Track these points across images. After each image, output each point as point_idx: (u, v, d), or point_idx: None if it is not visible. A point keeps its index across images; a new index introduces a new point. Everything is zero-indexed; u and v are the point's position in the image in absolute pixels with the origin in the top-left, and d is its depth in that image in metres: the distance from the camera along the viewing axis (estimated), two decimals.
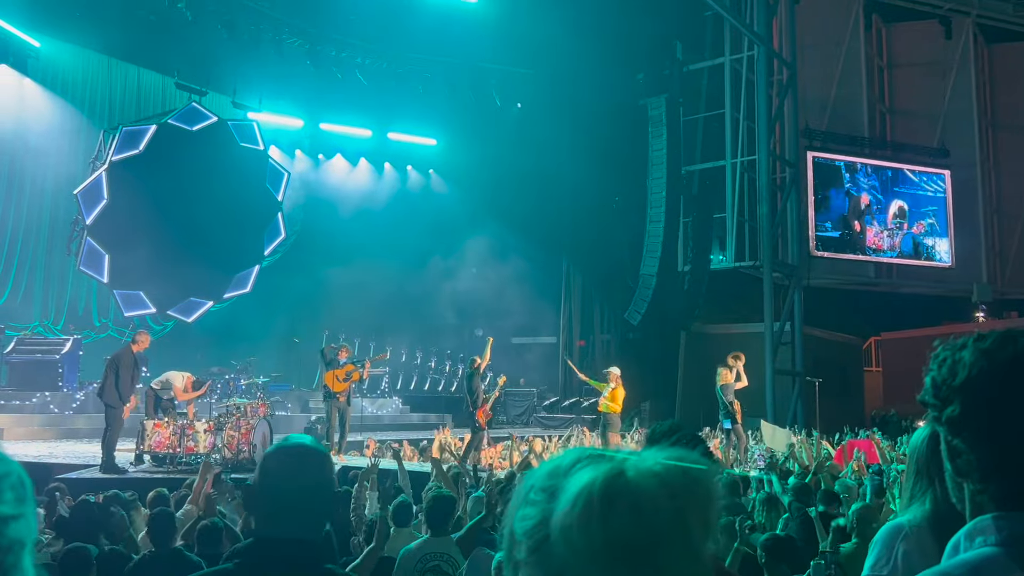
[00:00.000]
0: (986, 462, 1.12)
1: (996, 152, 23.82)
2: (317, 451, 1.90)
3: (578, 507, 0.82)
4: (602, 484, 0.82)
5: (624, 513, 0.81)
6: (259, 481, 1.85)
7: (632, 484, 0.82)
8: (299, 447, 1.89)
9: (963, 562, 1.12)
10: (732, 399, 12.98)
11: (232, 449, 10.72)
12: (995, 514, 1.12)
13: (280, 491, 1.81)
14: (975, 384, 1.12)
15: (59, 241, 17.50)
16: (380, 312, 19.24)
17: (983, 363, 1.12)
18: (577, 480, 0.84)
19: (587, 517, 0.81)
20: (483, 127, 20.88)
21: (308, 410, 17.34)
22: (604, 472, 0.84)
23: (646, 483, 0.83)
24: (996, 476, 1.12)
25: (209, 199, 18.22)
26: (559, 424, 19.36)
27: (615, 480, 0.83)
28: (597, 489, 0.82)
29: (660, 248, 19.60)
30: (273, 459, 1.88)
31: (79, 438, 13.80)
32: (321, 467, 1.88)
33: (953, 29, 23.13)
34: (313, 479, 1.84)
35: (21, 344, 15.55)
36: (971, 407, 1.12)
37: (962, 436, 1.14)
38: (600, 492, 0.82)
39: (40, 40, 17.10)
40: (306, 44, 18.34)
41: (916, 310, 22.85)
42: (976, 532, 1.13)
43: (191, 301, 18.67)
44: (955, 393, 1.14)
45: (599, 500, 0.81)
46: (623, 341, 21.67)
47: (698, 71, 20.79)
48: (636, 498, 0.81)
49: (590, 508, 0.81)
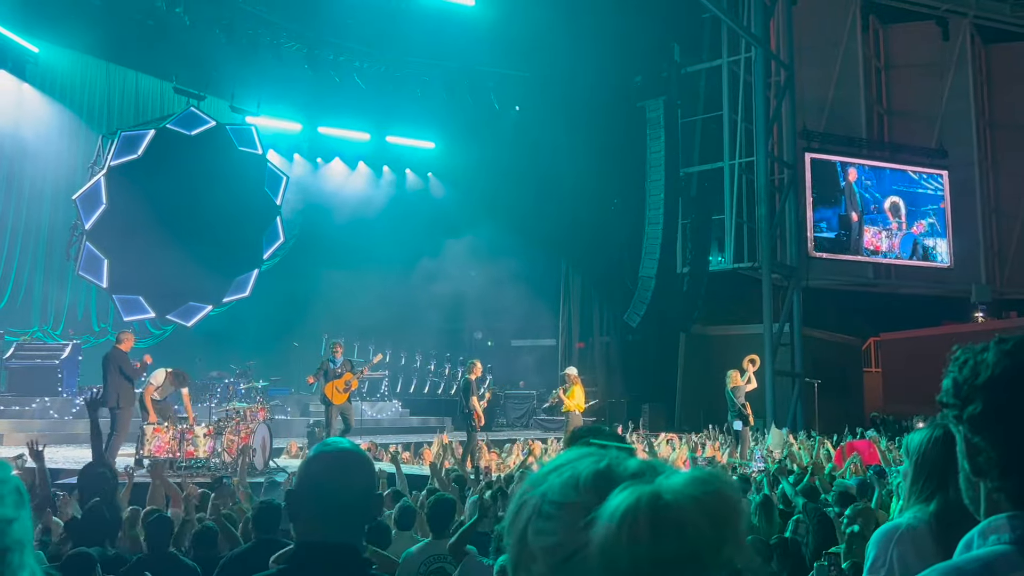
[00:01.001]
0: (1006, 460, 1.15)
1: (994, 152, 23.86)
2: (360, 455, 1.91)
3: (626, 528, 0.82)
4: (648, 505, 0.84)
5: (671, 535, 0.82)
6: (302, 486, 1.84)
7: (675, 506, 0.84)
8: (343, 451, 1.88)
9: (975, 558, 1.14)
10: (744, 401, 13.00)
11: (232, 453, 10.72)
12: (1010, 513, 1.14)
13: (325, 496, 1.80)
14: (998, 383, 1.15)
15: (58, 246, 17.50)
16: (379, 315, 19.22)
17: (1007, 363, 1.16)
18: (619, 500, 0.85)
19: (635, 538, 0.82)
20: (481, 130, 20.90)
21: (308, 414, 17.33)
22: (647, 493, 0.85)
23: (688, 506, 0.84)
24: (1015, 474, 1.15)
25: (208, 203, 18.23)
26: (559, 427, 19.34)
27: (657, 501, 0.84)
28: (643, 510, 0.83)
29: (659, 250, 19.63)
30: (317, 464, 1.86)
31: (79, 443, 13.76)
32: (366, 471, 1.88)
33: (950, 30, 23.17)
34: (359, 483, 1.83)
35: (20, 349, 15.55)
36: (993, 405, 1.16)
37: (983, 434, 1.17)
38: (647, 513, 0.83)
39: (38, 45, 17.11)
40: (304, 48, 18.34)
41: (915, 311, 22.87)
42: (990, 530, 1.16)
43: (190, 305, 18.68)
44: (977, 392, 1.17)
45: (646, 522, 0.82)
46: (622, 343, 21.69)
47: (696, 73, 20.83)
48: (680, 521, 0.83)
49: (637, 529, 0.82)
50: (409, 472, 9.56)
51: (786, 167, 20.66)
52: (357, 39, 18.74)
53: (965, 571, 1.12)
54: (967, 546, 1.19)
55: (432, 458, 12.25)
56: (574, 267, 22.37)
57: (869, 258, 22.43)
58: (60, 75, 17.70)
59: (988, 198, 23.58)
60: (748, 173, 19.36)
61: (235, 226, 18.89)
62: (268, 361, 17.60)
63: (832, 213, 22.00)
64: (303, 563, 1.80)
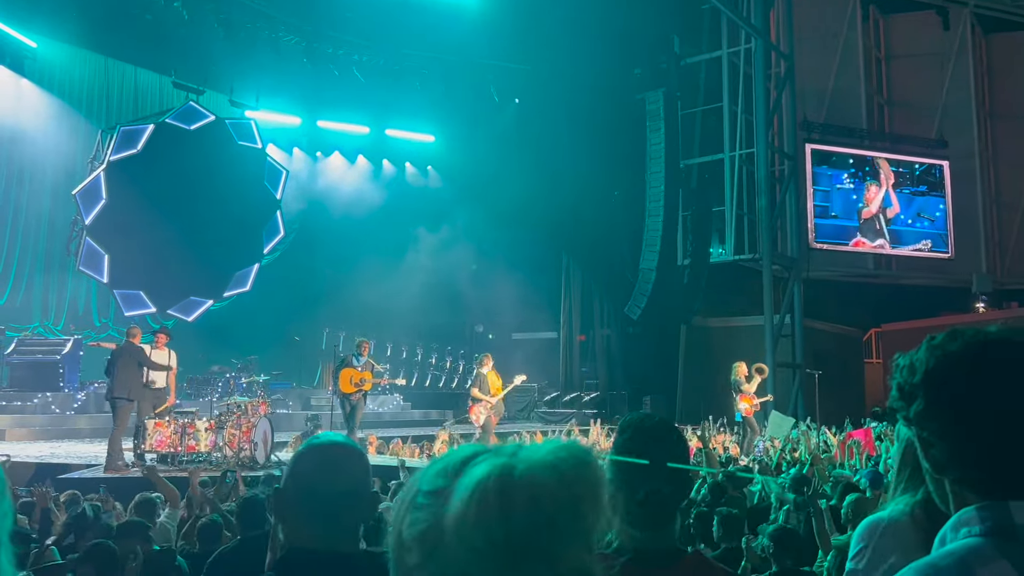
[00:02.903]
0: (956, 450, 1.18)
1: (995, 142, 23.79)
2: (353, 449, 1.73)
3: (474, 504, 0.81)
4: (497, 478, 0.82)
5: (522, 506, 0.80)
6: (290, 484, 1.68)
7: (526, 476, 0.82)
8: (333, 445, 1.72)
9: (949, 553, 1.14)
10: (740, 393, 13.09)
11: (233, 447, 10.75)
12: (978, 504, 1.15)
13: (315, 495, 1.64)
14: (934, 376, 1.20)
15: (58, 242, 17.51)
16: (380, 308, 19.24)
17: (937, 355, 1.21)
18: (470, 477, 0.83)
19: (484, 513, 0.80)
20: (481, 123, 20.88)
21: (309, 407, 17.36)
22: (497, 466, 0.83)
23: (541, 474, 0.82)
24: (971, 465, 1.17)
25: (208, 198, 18.23)
26: (560, 419, 19.39)
27: (509, 473, 0.82)
28: (492, 484, 0.81)
29: (659, 242, 19.61)
30: (306, 460, 1.70)
31: (80, 438, 13.83)
32: (359, 467, 1.70)
33: (951, 19, 23.08)
34: (350, 481, 1.67)
35: (22, 345, 15.57)
36: (932, 399, 1.20)
37: (929, 428, 1.20)
38: (496, 486, 0.81)
39: (37, 41, 17.09)
40: (303, 42, 18.32)
41: (916, 301, 22.81)
42: (961, 524, 1.16)
43: (191, 300, 18.70)
44: (917, 389, 1.22)
45: (495, 495, 0.81)
46: (623, 335, 21.70)
47: (695, 65, 20.78)
48: (532, 490, 0.81)
49: (487, 504, 0.80)
50: (411, 466, 9.59)
51: (786, 158, 20.62)
52: (356, 32, 18.72)
53: (940, 568, 1.13)
54: (941, 541, 1.19)
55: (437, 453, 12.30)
56: (574, 260, 22.36)
57: (870, 248, 22.40)
58: (58, 70, 17.68)
59: (989, 188, 23.53)
60: (748, 164, 19.33)
61: (235, 220, 18.90)
62: (269, 355, 17.63)
63: (832, 204, 21.96)
64: (294, 572, 1.64)
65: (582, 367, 22.25)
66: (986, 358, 1.17)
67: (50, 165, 17.36)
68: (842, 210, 21.96)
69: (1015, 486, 1.13)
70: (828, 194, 21.81)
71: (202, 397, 14.69)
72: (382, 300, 19.12)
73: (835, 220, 21.79)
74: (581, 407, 19.96)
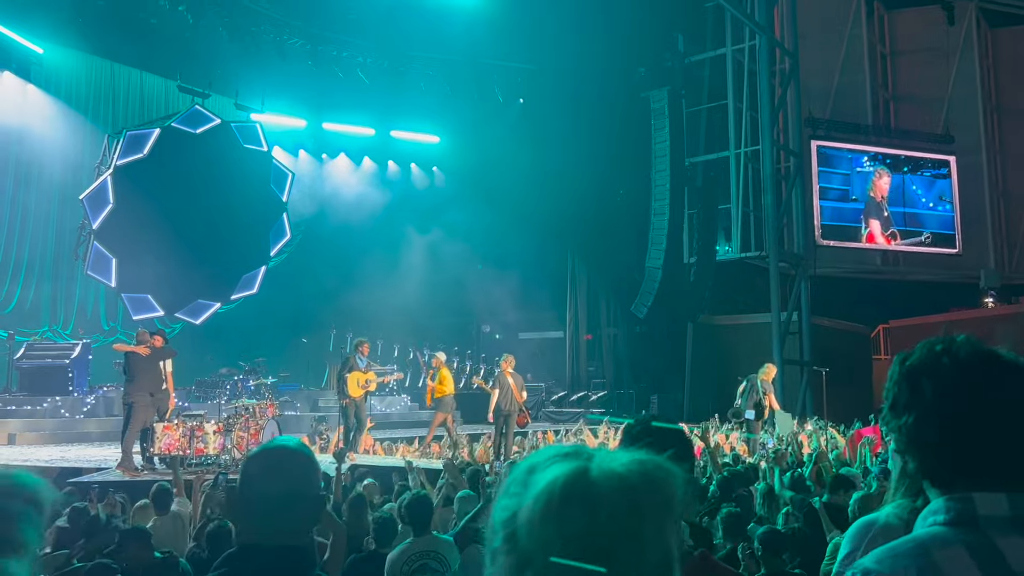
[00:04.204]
0: (930, 451, 1.27)
1: (1001, 137, 23.72)
2: (299, 453, 1.82)
3: (539, 504, 0.86)
4: (563, 483, 0.86)
5: (579, 514, 0.84)
6: (241, 486, 1.78)
7: (592, 484, 0.86)
8: (280, 449, 1.82)
9: (911, 539, 1.24)
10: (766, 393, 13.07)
11: (241, 450, 10.78)
12: (946, 496, 1.25)
13: (261, 496, 1.74)
14: (901, 386, 1.32)
15: (66, 246, 17.59)
16: (387, 309, 19.26)
17: (904, 367, 1.34)
18: (543, 477, 0.88)
19: (545, 514, 0.85)
20: (486, 123, 20.90)
21: (317, 409, 17.39)
22: (568, 470, 0.87)
23: (607, 484, 0.86)
24: (936, 460, 1.27)
25: (214, 201, 18.29)
26: (567, 418, 19.38)
27: (577, 479, 0.86)
28: (558, 488, 0.86)
29: (665, 240, 19.58)
30: (254, 463, 1.81)
31: (90, 442, 13.89)
32: (303, 470, 1.80)
33: (956, 14, 23.00)
34: (294, 483, 1.76)
35: (31, 349, 15.63)
36: (911, 406, 1.30)
37: (905, 434, 1.31)
38: (560, 491, 0.85)
39: (43, 47, 17.16)
40: (307, 44, 18.37)
41: (924, 297, 22.74)
42: (930, 513, 1.27)
43: (198, 303, 18.75)
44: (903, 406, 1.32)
45: (558, 499, 0.85)
46: (630, 334, 21.68)
47: (700, 62, 20.75)
48: (593, 499, 0.85)
49: (549, 506, 0.85)
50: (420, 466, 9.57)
51: (792, 155, 20.59)
52: (360, 34, 18.75)
53: (899, 553, 1.21)
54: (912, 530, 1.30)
55: (440, 452, 12.34)
56: (580, 259, 22.36)
57: (877, 244, 22.34)
58: (64, 76, 17.76)
59: (996, 183, 23.46)
60: (754, 162, 19.31)
61: (242, 223, 18.95)
62: (277, 357, 17.66)
63: (839, 201, 21.91)
64: (240, 566, 1.74)
65: (589, 366, 22.24)
66: (942, 365, 1.29)
67: (57, 170, 17.43)
68: (849, 193, 21.91)
69: (977, 479, 1.22)
70: (830, 176, 21.75)
71: (210, 400, 14.73)
72: (388, 301, 19.15)
73: (839, 203, 21.71)
74: (588, 406, 19.96)
